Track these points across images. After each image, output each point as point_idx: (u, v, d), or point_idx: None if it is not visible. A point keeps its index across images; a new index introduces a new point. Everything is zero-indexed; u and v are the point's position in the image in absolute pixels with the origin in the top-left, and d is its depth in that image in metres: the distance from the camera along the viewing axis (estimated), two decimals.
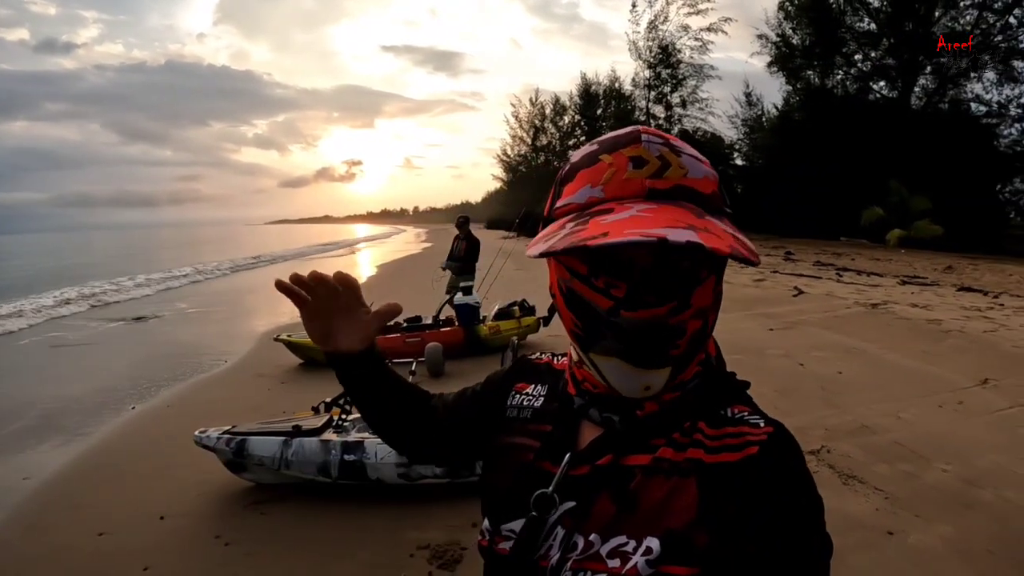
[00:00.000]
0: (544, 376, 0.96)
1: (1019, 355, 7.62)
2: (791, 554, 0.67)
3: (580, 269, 0.72)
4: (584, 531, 0.75)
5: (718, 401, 0.80)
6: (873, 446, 5.05)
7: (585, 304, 0.73)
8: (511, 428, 0.92)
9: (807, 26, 38.45)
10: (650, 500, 0.73)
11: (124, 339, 11.84)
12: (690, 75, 46.48)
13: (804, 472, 0.73)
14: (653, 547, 0.70)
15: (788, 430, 0.77)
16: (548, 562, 0.75)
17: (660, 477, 0.74)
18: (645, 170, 0.69)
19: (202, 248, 54.54)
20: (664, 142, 0.71)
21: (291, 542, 3.92)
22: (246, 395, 7.17)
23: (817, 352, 8.12)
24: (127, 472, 5.11)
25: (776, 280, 15.06)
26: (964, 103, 35.35)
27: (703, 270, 0.71)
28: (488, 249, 10.79)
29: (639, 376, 0.72)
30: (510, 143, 76.84)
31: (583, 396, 0.83)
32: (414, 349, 8.10)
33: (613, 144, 0.72)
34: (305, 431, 4.50)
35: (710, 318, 0.75)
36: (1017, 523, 3.88)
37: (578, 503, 0.77)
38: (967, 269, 19.30)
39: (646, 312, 0.69)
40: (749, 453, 0.73)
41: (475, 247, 10.36)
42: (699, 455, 0.74)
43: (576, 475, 0.79)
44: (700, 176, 0.71)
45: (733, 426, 0.77)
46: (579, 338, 0.75)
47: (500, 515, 0.83)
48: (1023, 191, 34.01)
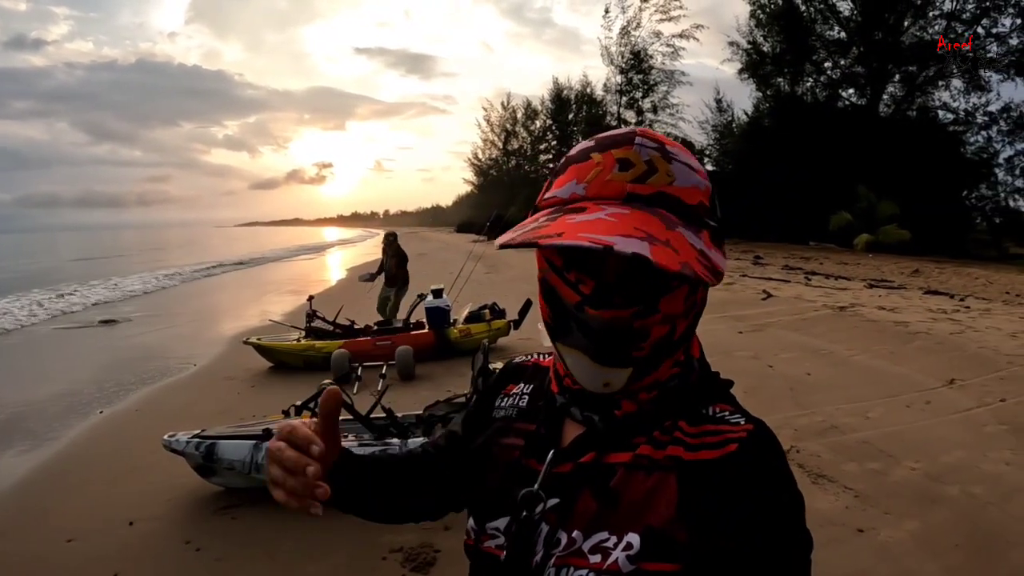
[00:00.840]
0: (530, 376, 0.97)
1: (985, 356, 7.76)
2: (770, 550, 0.67)
3: (556, 262, 0.74)
4: (567, 528, 0.75)
5: (699, 400, 0.80)
6: (842, 445, 5.12)
7: (556, 296, 0.75)
8: (498, 428, 0.92)
9: (778, 34, 38.91)
10: (631, 497, 0.73)
11: (91, 343, 11.64)
12: (661, 81, 46.87)
13: (784, 469, 0.73)
14: (633, 543, 0.70)
15: (769, 428, 0.77)
16: (532, 559, 0.76)
17: (641, 474, 0.74)
18: (629, 173, 0.69)
19: (172, 251, 53.77)
20: (658, 147, 0.71)
21: (262, 547, 3.88)
22: (215, 398, 7.10)
23: (786, 353, 8.22)
24: (96, 477, 5.04)
25: (745, 283, 15.22)
26: (932, 111, 35.98)
27: (675, 278, 0.70)
28: (458, 252, 10.82)
29: (600, 372, 0.73)
30: (481, 147, 76.95)
31: (564, 393, 0.84)
32: (384, 352, 8.08)
33: (607, 143, 0.73)
34: None
35: (679, 325, 0.75)
36: (983, 517, 3.96)
37: (561, 500, 0.77)
38: (933, 273, 19.63)
39: (609, 312, 0.70)
40: (729, 450, 0.73)
41: (404, 260, 10.40)
42: (679, 452, 0.74)
43: (559, 472, 0.79)
44: (687, 185, 0.71)
45: (713, 424, 0.77)
46: (550, 328, 0.78)
47: (485, 513, 0.84)
48: (989, 197, 34.63)
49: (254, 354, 8.53)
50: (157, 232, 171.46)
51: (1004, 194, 34.10)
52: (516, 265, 20.34)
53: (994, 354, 7.82)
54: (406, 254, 10.52)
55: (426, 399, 5.35)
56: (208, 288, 22.57)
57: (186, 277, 26.44)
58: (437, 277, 12.56)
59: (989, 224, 35.04)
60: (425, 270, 20.67)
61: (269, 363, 8.52)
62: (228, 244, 71.38)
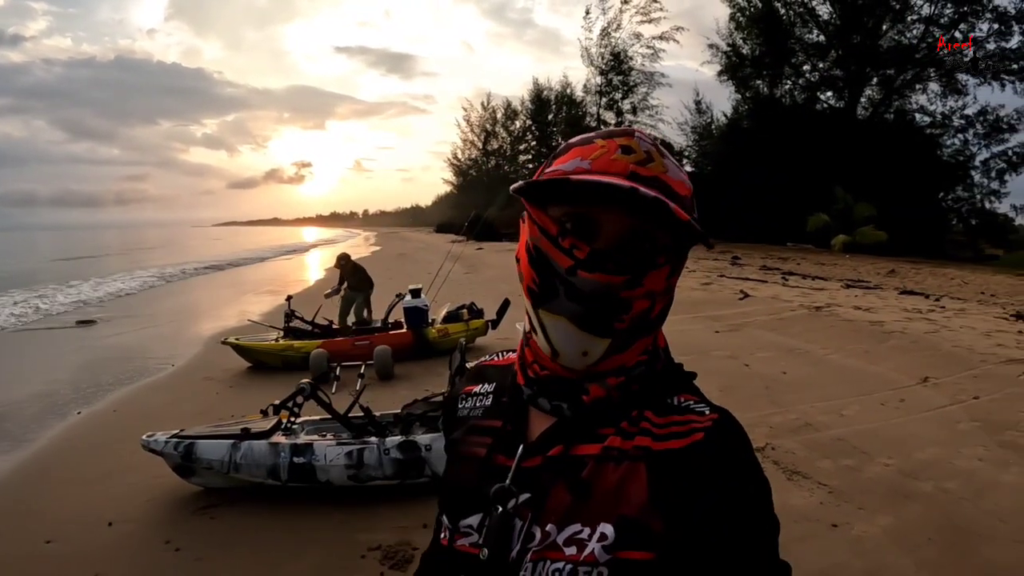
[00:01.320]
0: (491, 375, 0.98)
1: (959, 354, 7.87)
2: (738, 536, 0.69)
3: (550, 229, 0.75)
4: (541, 522, 0.76)
5: (665, 390, 0.82)
6: (816, 443, 5.18)
7: (547, 262, 0.76)
8: (464, 427, 0.93)
9: (757, 37, 39.24)
10: (603, 488, 0.74)
11: (68, 343, 11.50)
12: (641, 82, 47.16)
13: (749, 456, 0.75)
14: (607, 533, 0.71)
15: (734, 417, 0.79)
16: (509, 555, 0.76)
17: (611, 465, 0.76)
18: (631, 156, 0.74)
19: (151, 253, 53.17)
20: (653, 144, 0.77)
21: (241, 546, 3.87)
22: (193, 399, 7.06)
23: (762, 353, 8.30)
24: (74, 478, 5.00)
25: (723, 284, 15.32)
26: (909, 114, 36.47)
27: (661, 256, 0.75)
28: (437, 253, 10.79)
29: (581, 340, 0.75)
30: (461, 147, 76.87)
31: (532, 385, 0.85)
32: (363, 352, 8.08)
33: (608, 133, 0.78)
34: (254, 434, 4.45)
35: (658, 304, 0.78)
36: (957, 512, 4.03)
37: (533, 494, 0.78)
38: (910, 273, 19.88)
39: (602, 276, 0.72)
40: (695, 439, 0.74)
41: (360, 271, 10.19)
42: (647, 443, 0.76)
43: (529, 467, 0.80)
44: (677, 179, 0.77)
45: (679, 414, 0.78)
46: (534, 295, 0.78)
47: (458, 511, 0.84)
48: (965, 199, 35.17)
49: (232, 354, 8.50)
50: (135, 232, 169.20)
51: (980, 196, 34.72)
52: (494, 265, 20.35)
53: (968, 353, 7.93)
54: (361, 266, 10.35)
55: (404, 398, 5.35)
56: (186, 288, 22.36)
57: (165, 277, 26.20)
58: (416, 277, 12.56)
59: (965, 225, 35.58)
60: (404, 270, 20.62)
61: (247, 363, 8.49)
62: (207, 245, 70.61)
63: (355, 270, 9.93)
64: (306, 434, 4.63)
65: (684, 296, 13.12)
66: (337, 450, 4.33)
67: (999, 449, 4.99)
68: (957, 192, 35.14)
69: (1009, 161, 33.41)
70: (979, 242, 34.50)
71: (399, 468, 4.35)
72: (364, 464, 4.33)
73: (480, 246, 31.03)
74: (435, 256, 9.49)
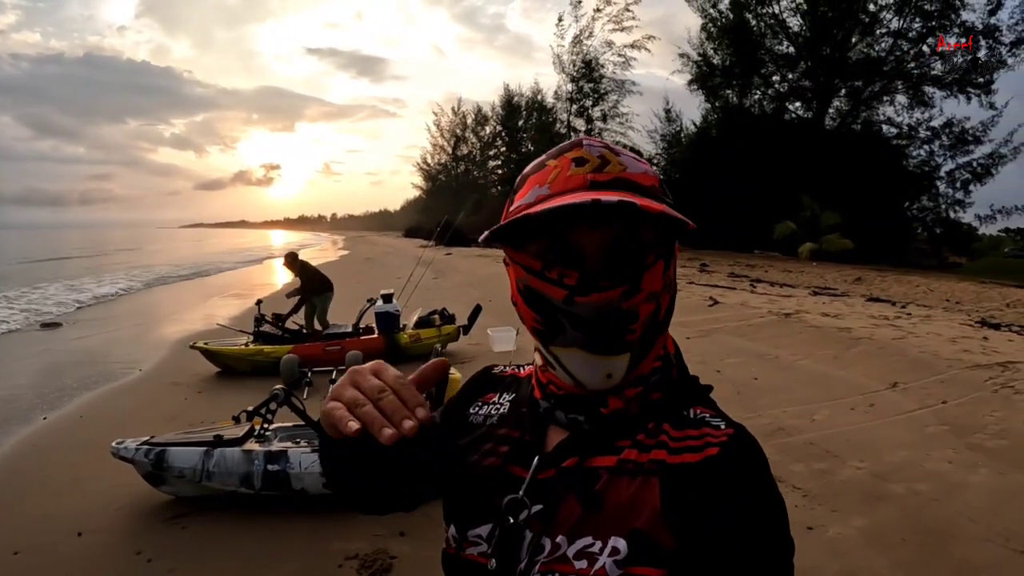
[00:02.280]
0: (509, 385, 0.97)
1: (926, 360, 8.00)
2: (751, 554, 0.68)
3: (534, 266, 0.75)
4: (551, 534, 0.75)
5: (681, 402, 0.82)
6: (789, 447, 5.23)
7: (542, 298, 0.75)
8: (477, 435, 0.91)
9: (728, 47, 39.74)
10: (616, 501, 0.74)
11: (31, 347, 11.24)
12: (612, 90, 47.46)
13: (765, 473, 0.74)
14: (620, 547, 0.70)
15: (749, 432, 0.79)
16: (517, 566, 0.75)
17: (625, 478, 0.75)
18: (586, 167, 0.74)
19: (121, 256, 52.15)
20: (604, 146, 0.76)
21: (215, 556, 3.80)
22: (162, 404, 6.93)
23: (732, 359, 8.37)
24: (40, 487, 4.88)
25: (692, 291, 15.42)
26: (876, 125, 37.13)
27: (650, 255, 0.74)
28: (407, 258, 10.72)
29: (600, 364, 0.74)
30: (431, 152, 76.97)
31: (548, 399, 0.84)
32: (334, 357, 8.03)
33: (558, 151, 0.78)
34: (227, 441, 4.37)
35: (663, 303, 0.77)
36: (927, 513, 4.10)
37: (545, 506, 0.77)
38: (876, 281, 20.19)
39: (599, 296, 0.71)
40: (709, 454, 0.74)
41: (311, 271, 9.99)
42: (662, 456, 0.75)
43: (543, 478, 0.79)
44: (639, 171, 0.76)
45: (695, 428, 0.78)
46: (540, 333, 0.77)
47: (468, 521, 0.82)
48: (930, 208, 35.87)
49: (200, 359, 8.39)
50: (100, 233, 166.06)
51: (945, 206, 35.42)
52: (463, 271, 20.25)
53: (934, 358, 8.07)
54: (311, 267, 10.13)
55: None
56: (152, 292, 21.99)
57: (132, 279, 25.74)
58: (385, 282, 12.49)
59: (930, 234, 36.29)
60: (373, 275, 20.59)
61: (216, 368, 8.38)
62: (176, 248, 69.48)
63: (303, 269, 9.71)
64: (279, 441, 4.56)
65: None
66: (312, 457, 4.27)
67: (967, 451, 5.09)
68: (922, 202, 35.82)
69: (974, 172, 34.19)
70: (943, 250, 35.23)
71: None
72: None
73: (449, 251, 30.98)
74: (403, 261, 9.43)
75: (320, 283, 9.67)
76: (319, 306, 9.59)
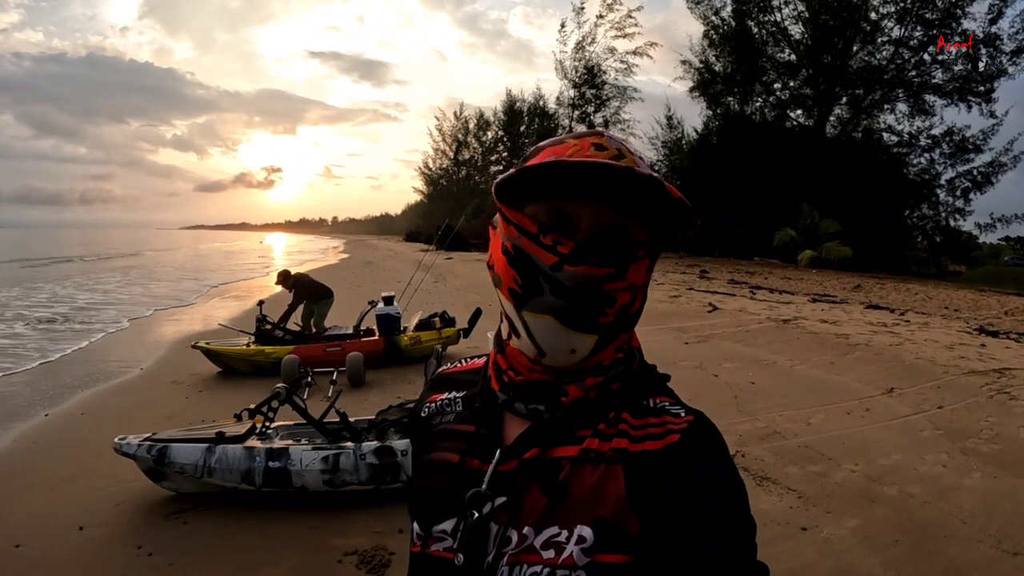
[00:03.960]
0: (459, 383, 0.97)
1: (922, 366, 8.05)
2: (714, 537, 0.69)
3: (530, 228, 0.75)
4: (518, 525, 0.75)
5: (641, 392, 0.83)
6: (784, 450, 5.28)
7: (529, 260, 0.75)
8: (433, 433, 0.91)
9: (729, 54, 39.90)
10: (580, 490, 0.74)
11: (30, 344, 11.26)
12: (614, 96, 47.76)
13: (725, 458, 0.76)
14: (586, 536, 0.71)
15: (709, 419, 0.80)
16: (485, 559, 0.76)
17: (588, 467, 0.76)
18: (605, 153, 0.75)
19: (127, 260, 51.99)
20: (622, 141, 0.79)
21: (215, 551, 3.84)
22: (163, 402, 6.98)
23: (730, 363, 8.42)
24: (42, 481, 4.91)
25: (691, 296, 15.47)
26: (876, 133, 37.26)
27: (640, 249, 0.76)
28: (406, 262, 10.75)
29: (568, 337, 0.75)
30: (432, 156, 76.99)
31: (507, 390, 0.84)
32: (335, 358, 8.05)
33: (579, 135, 0.79)
34: (228, 438, 4.41)
35: (638, 298, 0.79)
36: (921, 515, 4.15)
37: (509, 497, 0.77)
38: (874, 288, 20.25)
39: (587, 269, 0.73)
40: (670, 441, 0.75)
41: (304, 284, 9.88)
42: (624, 444, 0.76)
43: (505, 470, 0.79)
44: (646, 172, 0.76)
45: (655, 416, 0.79)
46: (516, 295, 0.77)
47: (430, 517, 0.83)
48: (929, 216, 35.95)
49: (200, 358, 8.44)
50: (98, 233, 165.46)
51: (944, 214, 35.55)
52: (464, 275, 20.21)
53: (931, 364, 8.12)
54: (305, 277, 10.10)
55: (377, 405, 5.36)
56: (153, 290, 21.99)
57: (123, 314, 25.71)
58: (385, 286, 12.53)
59: (929, 242, 36.38)
60: (373, 278, 20.63)
61: (216, 368, 8.43)
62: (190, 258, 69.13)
63: (297, 283, 9.66)
64: (281, 439, 4.61)
65: (652, 308, 13.24)
66: (313, 455, 4.31)
67: (961, 455, 5.14)
68: (922, 210, 35.93)
69: (974, 180, 34.36)
70: (942, 259, 35.31)
71: (375, 473, 4.34)
72: (340, 469, 4.31)
73: (449, 256, 31.01)
74: (403, 265, 9.49)
75: (315, 291, 9.67)
76: (317, 311, 9.62)
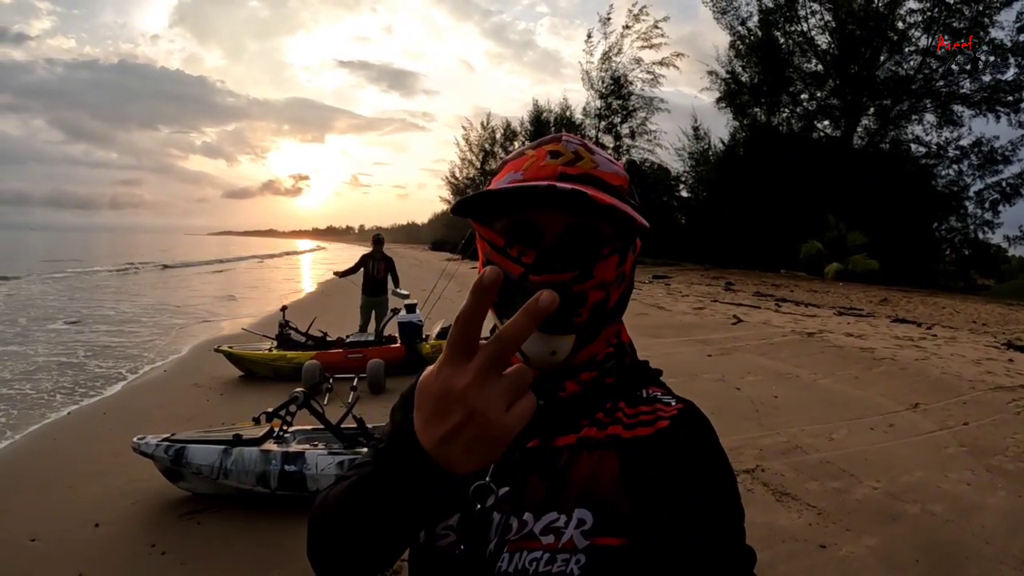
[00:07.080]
0: None
1: (948, 381, 7.92)
2: (703, 520, 0.71)
3: (498, 242, 0.79)
4: (518, 512, 0.77)
5: (635, 383, 0.86)
6: (805, 465, 5.20)
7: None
8: None
9: (756, 65, 39.73)
10: (577, 476, 0.77)
11: (55, 341, 11.42)
12: (640, 107, 47.46)
13: (713, 443, 0.78)
14: (586, 519, 0.73)
15: (698, 408, 0.83)
16: (487, 548, 0.77)
17: (584, 453, 0.78)
18: (560, 160, 0.79)
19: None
20: (581, 143, 0.81)
21: (228, 552, 3.86)
22: (183, 404, 7.04)
23: (752, 376, 8.33)
24: (60, 478, 4.97)
25: (715, 308, 15.38)
26: (904, 144, 36.85)
27: (606, 247, 0.78)
28: (431, 270, 10.81)
29: (546, 341, 0.77)
30: (459, 166, 77.20)
31: None
32: (356, 365, 8.07)
33: (537, 143, 0.83)
34: (245, 440, 4.44)
35: (613, 293, 0.81)
36: (942, 534, 4.06)
37: (511, 487, 0.79)
38: (901, 302, 19.99)
39: (551, 276, 0.75)
40: (660, 427, 0.78)
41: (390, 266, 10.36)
42: (618, 431, 0.79)
43: (506, 461, 0.80)
44: (609, 171, 0.81)
45: (648, 404, 0.82)
46: (496, 306, 0.80)
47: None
48: (958, 229, 35.44)
49: (222, 361, 8.51)
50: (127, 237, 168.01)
51: (973, 226, 35.00)
52: None
53: (957, 380, 7.98)
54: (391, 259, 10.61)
55: None
56: (178, 293, 22.24)
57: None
58: (410, 293, 12.57)
59: (957, 255, 35.83)
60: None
61: (239, 371, 8.50)
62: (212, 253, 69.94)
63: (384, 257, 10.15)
64: (297, 443, 4.63)
65: (676, 320, 13.22)
66: (329, 460, 4.32)
67: (986, 473, 5.03)
68: (950, 222, 35.46)
69: (1003, 192, 33.81)
70: (971, 272, 34.76)
71: None
72: None
73: (474, 265, 31.02)
74: (427, 273, 9.48)
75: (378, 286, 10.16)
76: (377, 309, 9.94)
